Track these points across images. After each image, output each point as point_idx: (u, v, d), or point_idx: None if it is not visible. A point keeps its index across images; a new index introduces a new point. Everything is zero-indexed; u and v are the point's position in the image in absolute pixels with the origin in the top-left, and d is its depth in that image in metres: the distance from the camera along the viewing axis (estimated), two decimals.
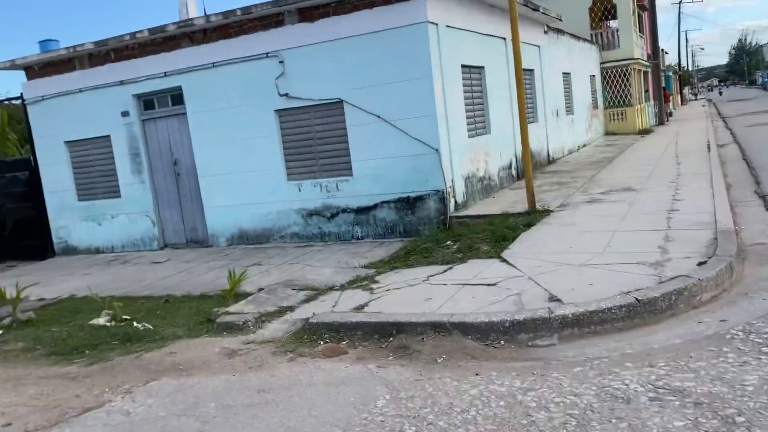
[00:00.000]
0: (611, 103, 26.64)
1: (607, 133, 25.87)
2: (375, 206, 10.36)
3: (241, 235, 11.51)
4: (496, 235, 7.92)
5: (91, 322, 6.92)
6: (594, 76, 24.67)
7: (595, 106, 24.68)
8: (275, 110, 10.79)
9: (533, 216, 8.98)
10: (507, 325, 4.88)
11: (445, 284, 6.19)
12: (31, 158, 13.15)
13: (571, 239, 7.43)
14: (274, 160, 10.95)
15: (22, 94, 12.84)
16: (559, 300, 5.26)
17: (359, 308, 5.80)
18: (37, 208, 13.16)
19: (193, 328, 6.33)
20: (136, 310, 7.54)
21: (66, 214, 13.04)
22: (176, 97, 11.66)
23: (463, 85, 11.01)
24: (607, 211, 8.93)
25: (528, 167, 9.63)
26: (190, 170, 11.83)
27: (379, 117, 10.01)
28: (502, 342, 4.84)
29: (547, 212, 9.24)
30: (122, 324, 6.81)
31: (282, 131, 10.91)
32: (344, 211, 10.61)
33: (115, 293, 8.92)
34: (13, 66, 12.58)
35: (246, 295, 7.18)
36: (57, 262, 12.70)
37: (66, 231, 13.14)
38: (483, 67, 12.02)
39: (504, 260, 6.88)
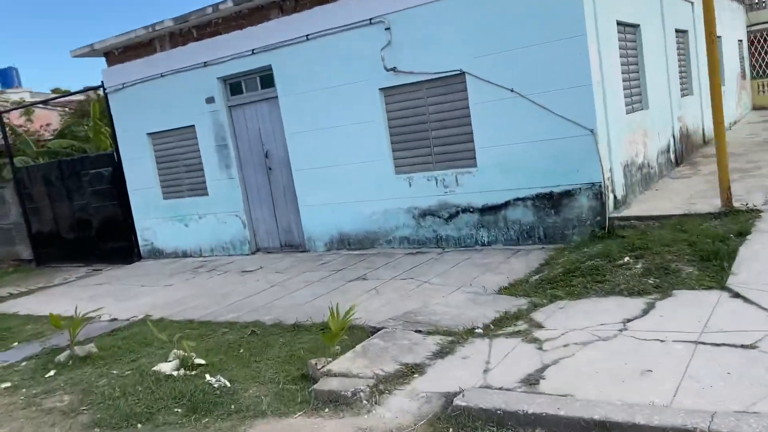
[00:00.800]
0: (759, 73, 22.76)
1: (755, 108, 22.07)
2: (506, 204, 8.22)
3: (342, 239, 9.72)
4: (699, 250, 5.56)
5: (155, 369, 5.29)
6: (741, 41, 21.00)
7: (743, 76, 21.02)
8: (380, 89, 8.85)
9: (737, 219, 6.51)
10: None
11: (662, 340, 3.98)
12: (114, 153, 12.02)
13: None
14: (379, 150, 9.05)
15: (102, 82, 11.69)
16: None
17: (531, 382, 3.73)
18: (122, 207, 12.03)
19: (283, 389, 4.51)
20: (215, 348, 5.88)
21: (151, 214, 11.82)
22: (266, 78, 10.00)
23: (618, 48, 8.59)
24: None
25: (721, 145, 7.15)
26: (282, 163, 10.17)
27: (512, 91, 7.84)
28: None
29: (754, 213, 6.72)
30: (193, 373, 5.13)
31: (388, 114, 8.97)
32: (465, 210, 8.54)
33: (194, 315, 7.38)
34: (92, 51, 11.42)
35: (353, 334, 5.30)
36: (142, 267, 11.50)
37: (151, 232, 11.93)
38: (638, 25, 9.49)
39: (737, 294, 4.56)
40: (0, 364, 6.43)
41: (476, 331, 4.82)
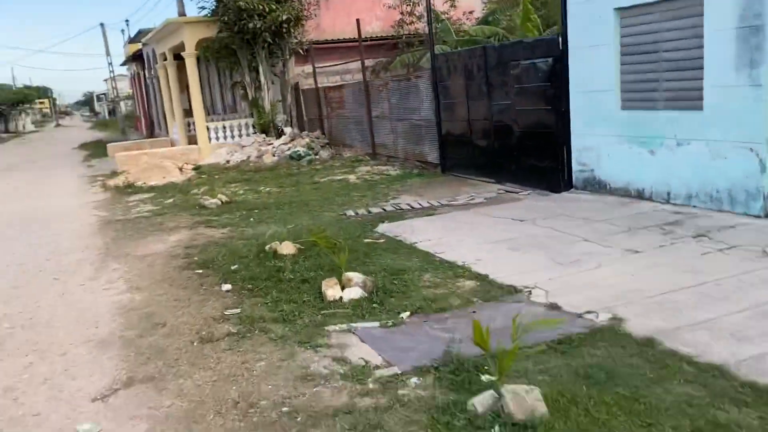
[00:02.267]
0: None
1: None
2: None
3: None
4: None
5: None
6: None
7: None
8: None
9: None
10: None
11: None
12: (560, 38, 8.54)
13: None
14: None
15: None
16: None
17: None
18: (558, 114, 8.65)
19: None
20: None
21: (597, 128, 8.18)
22: None
23: None
24: None
25: None
26: None
27: None
28: None
29: None
30: None
31: None
32: None
33: (715, 353, 3.59)
34: None
35: None
36: (575, 202, 8.10)
37: (593, 155, 8.34)
38: None
39: None
40: (381, 370, 3.73)
41: None
